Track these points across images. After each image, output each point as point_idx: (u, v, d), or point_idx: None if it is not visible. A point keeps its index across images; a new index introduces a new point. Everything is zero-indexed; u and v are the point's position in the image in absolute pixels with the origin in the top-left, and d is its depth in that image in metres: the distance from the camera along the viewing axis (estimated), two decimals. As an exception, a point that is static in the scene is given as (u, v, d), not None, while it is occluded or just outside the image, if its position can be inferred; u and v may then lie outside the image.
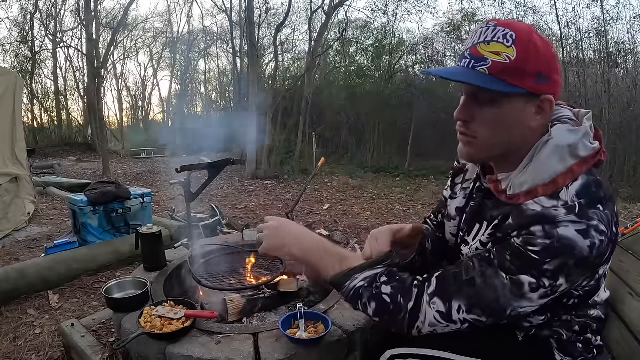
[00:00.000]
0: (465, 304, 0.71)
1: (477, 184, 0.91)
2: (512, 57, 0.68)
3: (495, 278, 0.69)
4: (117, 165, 10.49)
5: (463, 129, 0.79)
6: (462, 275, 0.72)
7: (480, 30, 0.73)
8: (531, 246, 0.66)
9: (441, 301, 0.72)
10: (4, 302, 2.08)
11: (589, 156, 0.72)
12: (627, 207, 5.43)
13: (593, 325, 0.82)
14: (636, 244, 1.28)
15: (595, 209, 0.67)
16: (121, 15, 12.64)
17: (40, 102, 15.45)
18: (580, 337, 0.82)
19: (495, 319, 0.71)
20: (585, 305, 0.81)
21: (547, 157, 0.71)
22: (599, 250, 0.65)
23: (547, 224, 0.66)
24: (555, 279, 0.66)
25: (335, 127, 13.06)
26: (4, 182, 3.56)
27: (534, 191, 0.71)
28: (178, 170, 1.57)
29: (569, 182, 0.70)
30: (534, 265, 0.66)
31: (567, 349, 0.81)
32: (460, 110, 0.77)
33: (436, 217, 1.14)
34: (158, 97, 23.26)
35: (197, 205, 3.56)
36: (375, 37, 12.37)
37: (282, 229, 0.92)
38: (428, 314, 0.73)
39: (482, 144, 0.77)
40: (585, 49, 8.69)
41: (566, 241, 0.64)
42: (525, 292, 0.67)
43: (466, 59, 0.73)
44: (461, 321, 0.72)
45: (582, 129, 0.74)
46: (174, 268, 1.80)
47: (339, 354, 1.29)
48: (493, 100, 0.72)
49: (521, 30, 0.69)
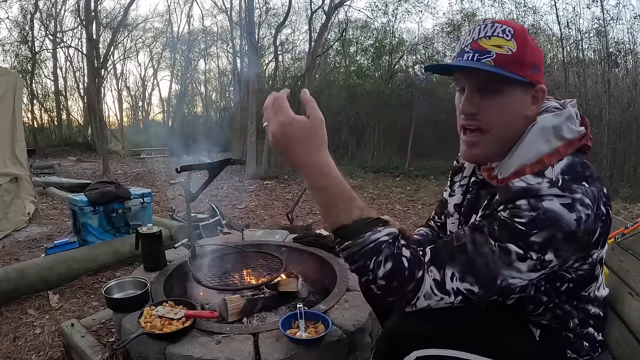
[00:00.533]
0: (458, 271, 0.71)
1: (472, 178, 0.93)
2: (513, 50, 0.73)
3: (484, 245, 0.70)
4: (117, 165, 10.49)
5: (469, 122, 0.80)
6: (453, 242, 0.73)
7: (479, 27, 0.77)
8: (518, 218, 0.68)
9: (436, 269, 0.72)
10: (4, 302, 2.08)
11: (575, 139, 0.76)
12: (627, 207, 5.42)
13: (591, 321, 0.82)
14: (636, 244, 1.28)
15: (580, 185, 0.69)
16: (121, 15, 12.64)
17: (40, 102, 15.46)
18: (584, 331, 0.82)
19: (487, 290, 0.71)
20: (583, 298, 0.81)
21: (533, 138, 0.75)
22: (586, 225, 0.67)
23: (532, 198, 0.68)
24: (542, 252, 0.67)
25: (335, 127, 13.05)
26: (4, 182, 3.56)
27: (521, 171, 0.74)
28: (178, 170, 1.57)
29: (554, 162, 0.73)
30: (520, 237, 0.67)
31: (574, 346, 0.82)
32: (466, 102, 0.79)
33: (439, 218, 1.15)
34: (158, 97, 23.30)
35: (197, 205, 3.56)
36: (375, 37, 12.38)
37: (295, 131, 0.72)
38: (426, 283, 0.71)
39: (491, 137, 0.78)
40: (585, 49, 8.69)
41: (552, 214, 0.66)
42: (513, 259, 0.68)
43: (468, 53, 0.76)
44: (454, 291, 0.71)
45: (565, 112, 0.78)
46: (174, 268, 1.80)
47: (339, 354, 1.29)
48: (497, 89, 0.75)
49: (517, 26, 0.75)
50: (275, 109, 0.73)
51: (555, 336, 0.82)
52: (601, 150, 7.39)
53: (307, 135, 0.72)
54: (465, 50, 0.77)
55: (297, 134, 0.72)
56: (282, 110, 0.72)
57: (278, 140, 0.72)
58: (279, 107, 0.73)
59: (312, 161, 0.73)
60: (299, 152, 0.72)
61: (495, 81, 0.74)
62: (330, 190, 0.73)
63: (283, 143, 0.72)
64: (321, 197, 0.74)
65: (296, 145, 0.72)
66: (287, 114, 0.72)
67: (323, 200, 0.74)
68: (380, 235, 0.73)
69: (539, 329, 0.83)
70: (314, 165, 0.73)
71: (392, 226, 0.77)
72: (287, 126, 0.72)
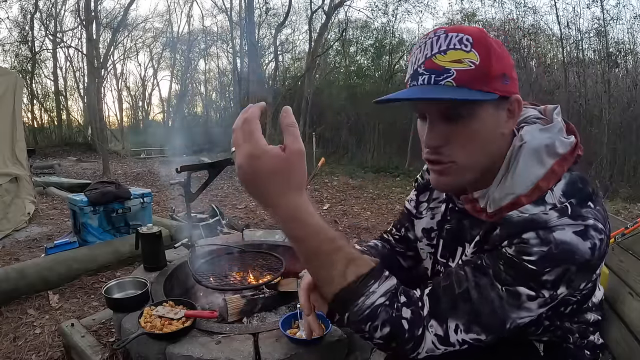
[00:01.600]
0: (462, 322, 0.64)
1: (449, 204, 0.84)
2: (476, 62, 0.61)
3: (490, 290, 0.62)
4: (117, 165, 10.49)
5: (435, 157, 0.69)
6: (454, 288, 0.65)
7: (430, 41, 0.64)
8: (526, 255, 0.60)
9: (437, 323, 0.65)
10: (4, 302, 2.08)
11: (568, 152, 0.67)
12: (627, 207, 5.42)
13: (591, 328, 0.81)
14: (636, 244, 1.28)
15: (587, 207, 0.63)
16: (121, 15, 12.66)
17: (40, 102, 15.47)
18: (584, 341, 0.81)
19: (495, 335, 0.65)
20: (582, 311, 0.78)
21: (526, 163, 0.66)
22: (600, 250, 0.61)
23: (541, 230, 0.60)
24: (555, 289, 0.61)
25: (335, 127, 13.06)
26: (4, 182, 3.56)
27: (518, 202, 0.65)
28: (178, 170, 1.57)
29: (552, 184, 0.65)
30: (531, 277, 0.60)
31: (576, 356, 0.80)
32: (430, 136, 0.67)
33: (398, 230, 1.03)
34: (158, 97, 23.31)
35: (197, 205, 3.56)
36: (375, 37, 12.40)
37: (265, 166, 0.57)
38: (427, 339, 0.65)
39: (463, 168, 0.68)
40: (585, 49, 8.70)
41: (566, 246, 0.59)
42: (523, 301, 0.62)
43: (423, 75, 0.64)
44: (459, 342, 0.65)
45: (555, 125, 0.69)
46: (174, 268, 1.80)
47: (339, 354, 1.29)
48: (464, 114, 0.64)
49: (475, 32, 0.63)
50: (244, 133, 0.57)
51: (557, 349, 0.80)
52: (601, 150, 7.38)
53: (281, 172, 0.57)
54: (419, 71, 0.64)
55: (267, 169, 0.57)
56: (251, 138, 0.57)
57: (244, 173, 0.57)
58: (248, 132, 0.57)
59: (284, 204, 0.59)
60: (268, 192, 0.58)
61: (460, 105, 0.63)
62: (308, 242, 0.61)
63: (249, 179, 0.58)
64: (298, 249, 0.63)
65: (266, 183, 0.57)
66: (257, 143, 0.57)
67: (300, 252, 0.63)
68: (375, 299, 0.64)
69: (542, 344, 0.80)
70: (287, 209, 0.59)
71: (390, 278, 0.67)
72: (254, 159, 0.56)
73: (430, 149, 0.69)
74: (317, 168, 3.04)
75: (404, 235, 1.01)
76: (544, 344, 0.80)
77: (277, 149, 0.58)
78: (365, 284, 0.64)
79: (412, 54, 0.68)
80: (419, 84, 0.64)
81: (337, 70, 13.77)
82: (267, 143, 0.58)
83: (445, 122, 0.66)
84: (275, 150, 0.58)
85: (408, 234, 1.00)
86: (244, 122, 0.58)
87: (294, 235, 0.61)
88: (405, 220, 1.01)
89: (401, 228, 1.03)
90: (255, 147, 0.57)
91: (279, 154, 0.57)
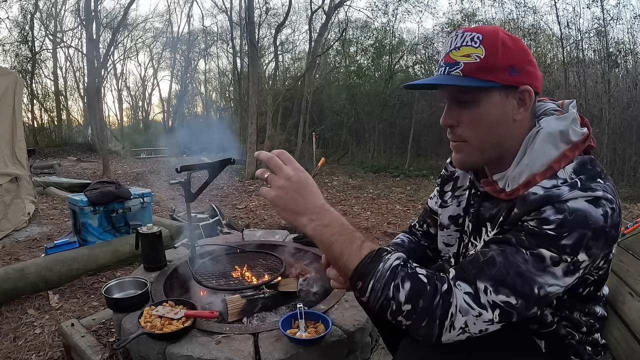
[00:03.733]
0: (490, 284, 0.67)
1: (471, 190, 0.91)
2: (481, 56, 0.72)
3: (516, 254, 0.67)
4: (117, 165, 10.49)
5: (451, 135, 0.80)
6: (479, 258, 0.70)
7: (451, 39, 0.76)
8: (546, 225, 0.66)
9: (465, 283, 0.69)
10: (4, 302, 2.08)
11: (579, 141, 0.74)
12: (627, 207, 5.42)
13: (597, 324, 0.82)
14: (636, 244, 1.28)
15: (597, 182, 0.68)
16: (121, 15, 12.64)
17: (40, 102, 15.47)
18: (589, 338, 0.82)
19: (525, 300, 0.67)
20: (595, 299, 0.80)
21: (541, 145, 0.73)
22: (613, 219, 0.66)
23: (556, 202, 0.66)
24: (575, 253, 0.65)
25: (335, 127, 13.06)
26: (4, 182, 3.56)
27: (532, 180, 0.72)
28: (178, 170, 1.57)
29: (564, 165, 0.72)
30: (552, 241, 0.65)
31: (578, 351, 0.81)
32: (444, 116, 0.79)
33: (421, 226, 1.13)
34: (158, 97, 23.34)
35: (197, 205, 3.56)
36: (375, 37, 12.39)
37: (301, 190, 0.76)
38: (458, 296, 0.67)
39: (473, 147, 0.78)
40: (585, 49, 8.70)
41: (580, 212, 0.65)
42: (547, 264, 0.66)
43: (441, 67, 0.77)
44: (491, 305, 0.67)
45: (569, 115, 0.76)
46: (174, 268, 1.80)
47: (339, 354, 1.29)
48: (472, 99, 0.74)
49: (487, 31, 0.74)
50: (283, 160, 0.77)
51: (560, 345, 0.81)
52: (601, 150, 7.39)
53: (310, 183, 0.77)
54: (440, 64, 0.77)
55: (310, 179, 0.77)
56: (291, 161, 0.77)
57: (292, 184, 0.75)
58: (287, 159, 0.77)
59: (320, 202, 0.76)
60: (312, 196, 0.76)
61: (468, 91, 0.74)
62: (335, 224, 0.76)
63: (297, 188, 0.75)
64: (328, 232, 0.75)
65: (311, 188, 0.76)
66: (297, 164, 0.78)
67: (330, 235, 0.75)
68: (391, 262, 0.72)
69: (543, 340, 0.82)
70: (322, 205, 0.76)
71: (398, 252, 0.76)
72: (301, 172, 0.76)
73: (445, 127, 0.80)
74: (317, 168, 3.05)
75: (426, 230, 1.11)
76: (545, 340, 0.81)
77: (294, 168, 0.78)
78: (380, 254, 0.74)
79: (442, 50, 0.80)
80: (437, 74, 0.78)
81: (337, 70, 13.77)
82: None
83: (457, 105, 0.77)
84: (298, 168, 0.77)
85: (430, 230, 1.09)
86: (280, 154, 0.77)
87: (325, 223, 0.76)
88: (427, 217, 1.10)
89: (423, 224, 1.12)
90: (297, 165, 0.77)
91: (302, 169, 0.78)
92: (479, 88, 0.73)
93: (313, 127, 11.38)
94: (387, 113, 11.70)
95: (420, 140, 11.77)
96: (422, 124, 11.68)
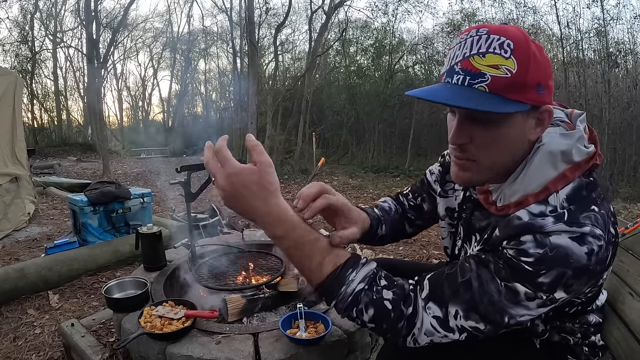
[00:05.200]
0: (462, 309, 0.65)
1: (466, 192, 0.86)
2: (512, 71, 0.60)
3: (491, 283, 0.64)
4: (117, 165, 10.49)
5: (459, 153, 0.71)
6: (457, 277, 0.67)
7: (471, 40, 0.63)
8: (524, 257, 0.62)
9: (437, 306, 0.67)
10: (4, 302, 2.08)
11: (583, 161, 0.68)
12: (627, 207, 5.42)
13: (592, 329, 0.82)
14: (636, 244, 1.28)
15: (589, 212, 0.63)
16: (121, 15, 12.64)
17: (40, 102, 15.49)
18: (586, 341, 0.81)
19: (494, 327, 0.66)
20: (585, 312, 0.79)
21: (539, 164, 0.67)
22: (599, 256, 0.61)
23: (538, 233, 0.62)
24: (552, 291, 0.62)
25: (335, 127, 13.07)
26: (4, 182, 3.56)
27: (525, 201, 0.67)
28: (178, 170, 1.57)
29: (560, 187, 0.66)
30: (528, 278, 0.62)
31: (574, 352, 0.81)
32: (455, 134, 0.69)
33: (414, 198, 1.06)
34: (158, 97, 23.33)
35: (197, 205, 3.56)
36: (375, 37, 12.40)
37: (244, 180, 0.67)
38: (425, 320, 0.67)
39: (482, 167, 0.71)
40: (585, 49, 8.70)
41: (562, 250, 0.60)
42: (521, 299, 0.63)
43: (458, 75, 0.63)
44: (459, 329, 0.66)
45: (576, 133, 0.70)
46: (174, 268, 1.80)
47: (339, 354, 1.29)
48: (491, 119, 0.65)
49: (518, 38, 0.62)
50: (220, 160, 0.67)
51: (556, 346, 0.81)
52: (601, 151, 7.36)
53: (257, 182, 0.66)
54: (455, 69, 0.64)
55: (246, 182, 0.66)
56: (226, 162, 0.67)
57: (227, 192, 0.67)
58: (223, 159, 0.67)
59: (266, 209, 0.68)
60: (252, 202, 0.67)
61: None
62: (290, 236, 0.69)
63: (234, 196, 0.67)
64: (283, 246, 0.70)
65: (248, 195, 0.67)
66: (233, 165, 0.66)
67: (285, 249, 0.70)
68: (355, 286, 0.69)
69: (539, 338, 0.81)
70: (269, 213, 0.68)
71: (367, 264, 0.72)
72: (234, 177, 0.66)
73: (455, 145, 0.71)
74: (317, 168, 3.05)
75: (419, 204, 1.05)
76: (540, 339, 0.81)
77: (250, 165, 0.68)
78: (344, 274, 0.70)
79: (451, 48, 0.68)
80: (453, 82, 0.64)
81: (337, 70, 13.77)
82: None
83: (472, 122, 0.67)
84: (248, 166, 0.67)
85: (423, 205, 1.04)
86: (217, 152, 0.67)
87: (279, 234, 0.69)
88: (423, 191, 1.04)
89: (418, 197, 1.06)
90: (233, 167, 0.67)
91: (251, 168, 0.67)
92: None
93: (313, 127, 11.38)
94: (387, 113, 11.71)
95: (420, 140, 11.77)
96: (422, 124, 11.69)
